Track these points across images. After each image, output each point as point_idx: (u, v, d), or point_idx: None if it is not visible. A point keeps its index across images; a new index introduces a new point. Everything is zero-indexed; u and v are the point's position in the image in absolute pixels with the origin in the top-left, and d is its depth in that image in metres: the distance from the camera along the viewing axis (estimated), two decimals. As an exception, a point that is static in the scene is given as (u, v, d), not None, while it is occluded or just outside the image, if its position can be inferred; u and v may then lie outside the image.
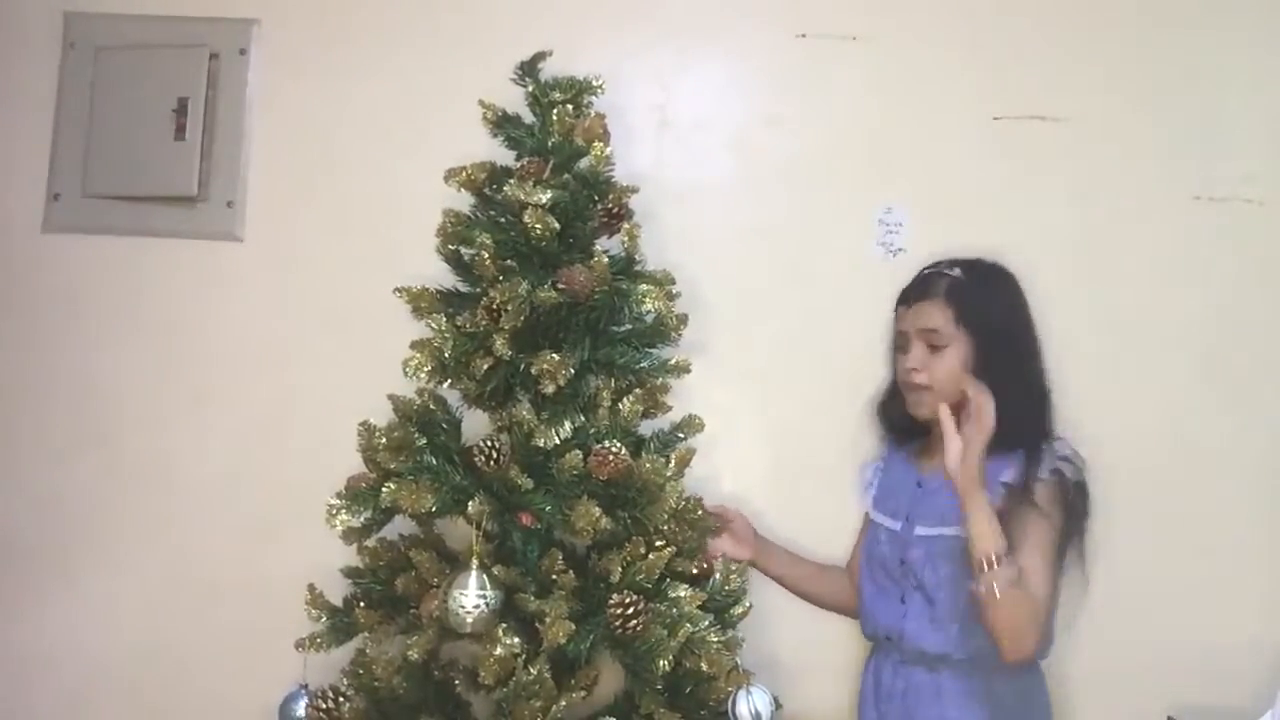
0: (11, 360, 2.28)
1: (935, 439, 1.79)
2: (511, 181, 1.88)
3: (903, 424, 1.91)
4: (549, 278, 1.85)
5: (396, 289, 1.88)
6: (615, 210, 1.93)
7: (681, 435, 1.94)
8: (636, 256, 1.95)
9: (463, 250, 1.93)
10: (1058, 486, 1.72)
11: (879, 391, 2.01)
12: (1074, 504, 1.74)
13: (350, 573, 1.91)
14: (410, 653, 1.75)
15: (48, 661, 2.22)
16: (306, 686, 1.86)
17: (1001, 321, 1.80)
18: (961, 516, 1.67)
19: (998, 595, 1.60)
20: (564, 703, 1.71)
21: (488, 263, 1.83)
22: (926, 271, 1.87)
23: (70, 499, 2.24)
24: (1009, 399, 1.68)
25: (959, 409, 1.71)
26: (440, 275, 1.95)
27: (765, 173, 2.26)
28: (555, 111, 1.92)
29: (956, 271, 1.82)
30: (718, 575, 1.90)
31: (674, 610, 1.77)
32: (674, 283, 1.99)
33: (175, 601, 2.21)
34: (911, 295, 1.86)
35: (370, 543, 1.89)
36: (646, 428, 1.94)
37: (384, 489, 1.74)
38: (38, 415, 2.27)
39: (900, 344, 1.89)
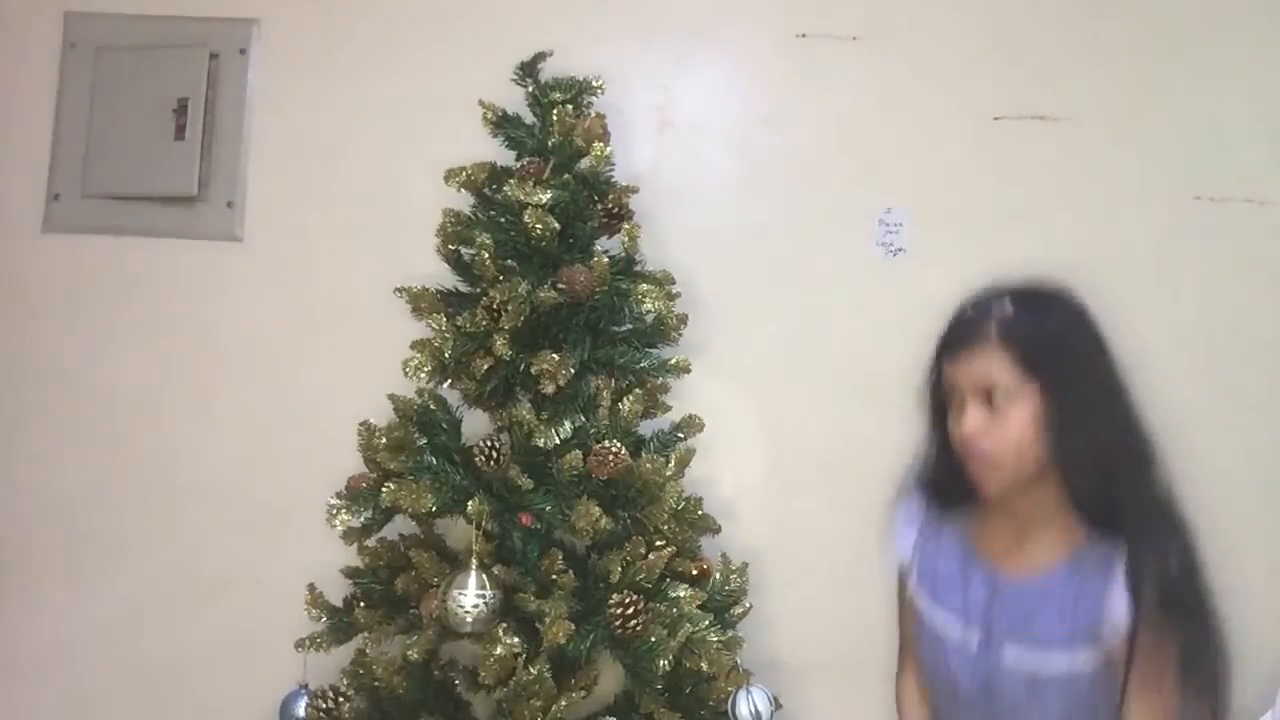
0: (11, 360, 2.28)
1: (998, 512, 1.43)
2: (511, 181, 1.88)
3: (955, 494, 1.47)
4: (549, 278, 1.85)
5: (396, 289, 1.88)
6: (615, 210, 1.94)
7: (681, 435, 1.94)
8: (636, 256, 1.95)
9: (463, 250, 1.93)
10: (1177, 587, 1.31)
11: (919, 459, 1.55)
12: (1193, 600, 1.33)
13: (350, 573, 1.91)
14: (410, 653, 1.75)
15: (48, 661, 2.22)
16: (306, 686, 1.87)
17: (1077, 358, 1.38)
18: None
19: None
20: (564, 703, 1.71)
21: (488, 263, 1.83)
22: (970, 310, 1.42)
23: (70, 499, 2.24)
24: (1101, 461, 1.34)
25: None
26: (440, 275, 1.95)
27: (765, 173, 2.26)
28: (555, 111, 1.92)
29: (1008, 306, 1.39)
30: (718, 575, 1.90)
31: (674, 610, 1.77)
32: (674, 283, 2.00)
33: (175, 601, 2.21)
34: (956, 342, 1.40)
35: (370, 543, 1.89)
36: (646, 428, 1.94)
37: (384, 489, 1.74)
38: (37, 415, 2.27)
39: (950, 402, 1.42)
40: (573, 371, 1.83)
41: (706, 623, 1.78)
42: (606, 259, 1.87)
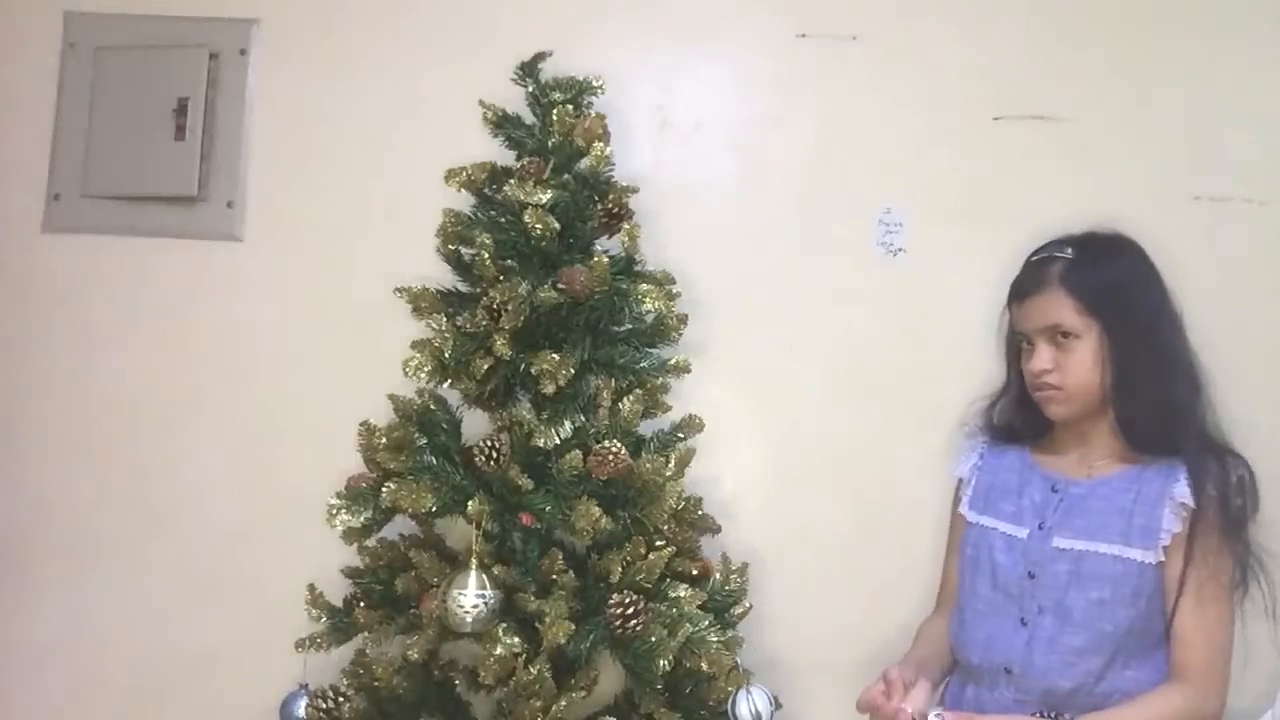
0: (11, 360, 2.28)
1: (1063, 432, 1.61)
2: (511, 181, 1.88)
3: (1027, 429, 1.67)
4: (549, 278, 1.85)
5: (396, 289, 1.88)
6: (615, 210, 1.94)
7: (681, 435, 1.94)
8: (636, 256, 1.95)
9: (463, 250, 1.93)
10: (1237, 505, 1.46)
11: (991, 396, 1.76)
12: (1245, 521, 1.48)
13: (350, 573, 1.91)
14: (410, 653, 1.75)
15: (48, 661, 2.22)
16: (306, 686, 1.87)
17: (1132, 299, 1.55)
18: None
19: None
20: (564, 703, 1.71)
21: (488, 263, 1.83)
22: (1035, 258, 1.64)
23: (70, 499, 2.24)
24: (1156, 393, 1.48)
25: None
26: (440, 275, 1.95)
27: (765, 173, 2.26)
28: (555, 111, 1.92)
29: (1069, 251, 1.59)
30: (718, 575, 1.90)
31: (674, 610, 1.77)
32: (674, 283, 1.99)
33: (175, 601, 2.21)
34: (1024, 288, 1.61)
35: (370, 543, 1.89)
36: (646, 428, 1.94)
37: (384, 489, 1.74)
38: (38, 415, 2.27)
39: (1021, 344, 1.65)
40: (573, 371, 1.83)
41: (706, 623, 1.78)
42: (606, 259, 1.87)
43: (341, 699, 1.78)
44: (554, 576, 1.75)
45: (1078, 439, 1.59)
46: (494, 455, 1.74)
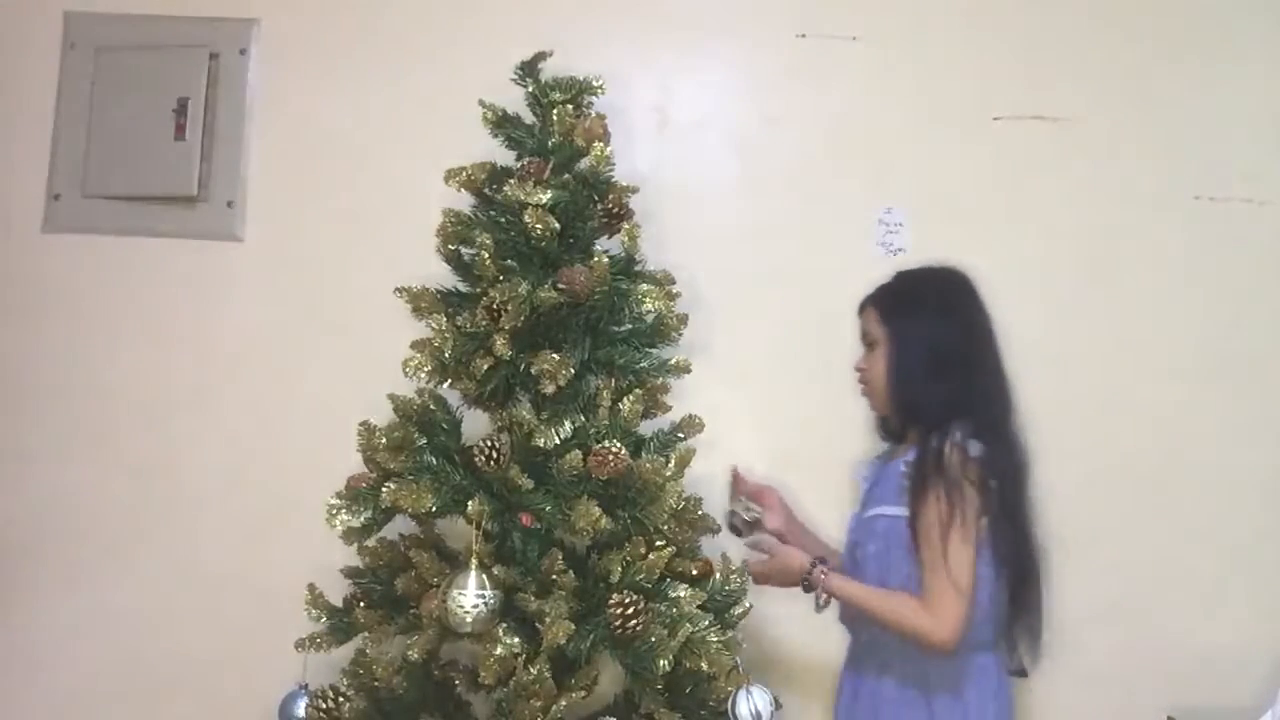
0: (11, 360, 2.28)
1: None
2: (511, 181, 1.88)
3: (898, 431, 1.91)
4: (549, 278, 1.85)
5: (396, 289, 1.88)
6: (615, 210, 1.94)
7: (681, 435, 1.94)
8: (636, 256, 1.95)
9: (463, 250, 1.93)
10: (975, 464, 1.69)
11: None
12: (999, 486, 1.71)
13: (350, 573, 1.91)
14: (410, 653, 1.75)
15: (48, 661, 2.22)
16: (306, 686, 1.86)
17: (914, 313, 1.81)
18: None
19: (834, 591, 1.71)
20: (564, 703, 1.71)
21: (488, 263, 1.83)
22: (871, 288, 1.91)
23: (70, 499, 2.24)
24: (918, 386, 1.75)
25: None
26: (440, 275, 1.95)
27: (765, 173, 2.26)
28: (555, 111, 1.92)
29: (892, 278, 1.87)
30: (718, 575, 1.90)
31: (674, 610, 1.77)
32: (674, 283, 2.00)
33: (175, 601, 2.21)
34: (859, 308, 1.90)
35: (370, 543, 1.89)
36: (646, 428, 1.94)
37: (384, 489, 1.74)
38: (38, 415, 2.27)
39: None
40: (573, 371, 1.83)
41: (706, 623, 1.78)
42: (606, 259, 1.87)
43: (341, 699, 1.78)
44: (554, 576, 1.75)
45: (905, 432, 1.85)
46: (494, 455, 1.74)
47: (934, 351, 1.77)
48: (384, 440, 1.80)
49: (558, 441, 1.81)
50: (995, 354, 1.81)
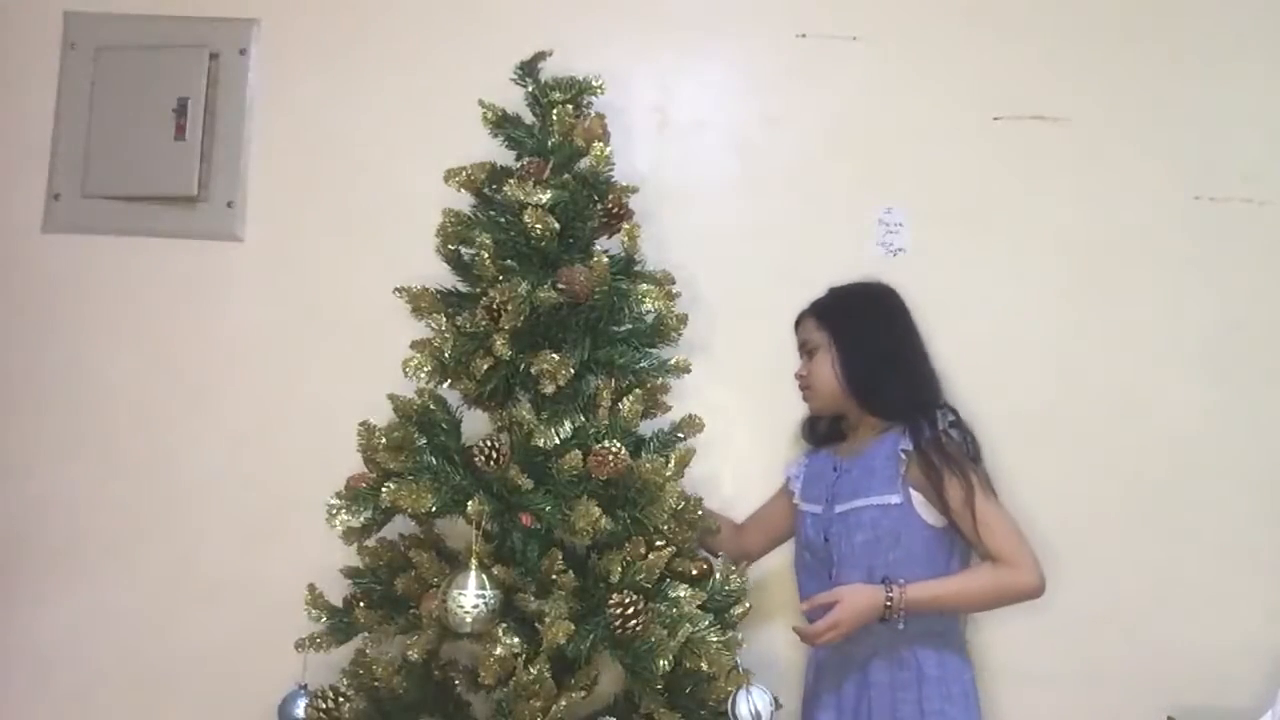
0: (11, 360, 2.28)
1: (847, 429, 2.04)
2: (511, 181, 1.88)
3: (827, 433, 2.09)
4: (549, 278, 1.85)
5: (396, 289, 1.88)
6: (615, 210, 1.94)
7: (681, 435, 1.94)
8: (636, 256, 1.95)
9: (463, 250, 1.93)
10: (959, 441, 1.90)
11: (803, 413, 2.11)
12: (974, 454, 1.92)
13: (350, 573, 1.91)
14: (410, 653, 1.74)
15: (48, 661, 2.22)
16: (306, 686, 1.86)
17: (852, 317, 2.00)
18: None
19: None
20: (564, 703, 1.71)
21: (488, 263, 1.83)
22: (807, 303, 2.07)
23: (70, 499, 2.24)
24: (876, 380, 1.93)
25: None
26: (440, 275, 1.95)
27: (765, 173, 2.26)
28: (555, 111, 1.92)
29: (826, 292, 2.05)
30: (718, 575, 1.90)
31: (674, 610, 1.77)
32: (674, 283, 2.00)
33: (175, 601, 2.21)
34: (796, 320, 2.07)
35: (370, 543, 1.89)
36: (646, 428, 1.94)
37: (384, 489, 1.74)
38: (37, 415, 2.27)
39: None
40: (573, 371, 1.83)
41: (706, 623, 1.78)
42: (606, 259, 1.87)
43: (341, 699, 1.78)
44: (554, 576, 1.75)
45: (852, 430, 2.02)
46: (494, 455, 1.74)
47: (876, 348, 1.96)
48: (384, 440, 1.80)
49: (558, 441, 1.81)
50: (926, 352, 2.01)
